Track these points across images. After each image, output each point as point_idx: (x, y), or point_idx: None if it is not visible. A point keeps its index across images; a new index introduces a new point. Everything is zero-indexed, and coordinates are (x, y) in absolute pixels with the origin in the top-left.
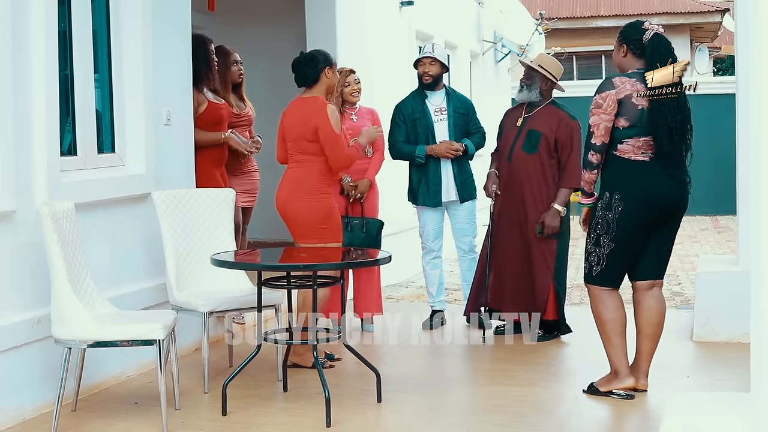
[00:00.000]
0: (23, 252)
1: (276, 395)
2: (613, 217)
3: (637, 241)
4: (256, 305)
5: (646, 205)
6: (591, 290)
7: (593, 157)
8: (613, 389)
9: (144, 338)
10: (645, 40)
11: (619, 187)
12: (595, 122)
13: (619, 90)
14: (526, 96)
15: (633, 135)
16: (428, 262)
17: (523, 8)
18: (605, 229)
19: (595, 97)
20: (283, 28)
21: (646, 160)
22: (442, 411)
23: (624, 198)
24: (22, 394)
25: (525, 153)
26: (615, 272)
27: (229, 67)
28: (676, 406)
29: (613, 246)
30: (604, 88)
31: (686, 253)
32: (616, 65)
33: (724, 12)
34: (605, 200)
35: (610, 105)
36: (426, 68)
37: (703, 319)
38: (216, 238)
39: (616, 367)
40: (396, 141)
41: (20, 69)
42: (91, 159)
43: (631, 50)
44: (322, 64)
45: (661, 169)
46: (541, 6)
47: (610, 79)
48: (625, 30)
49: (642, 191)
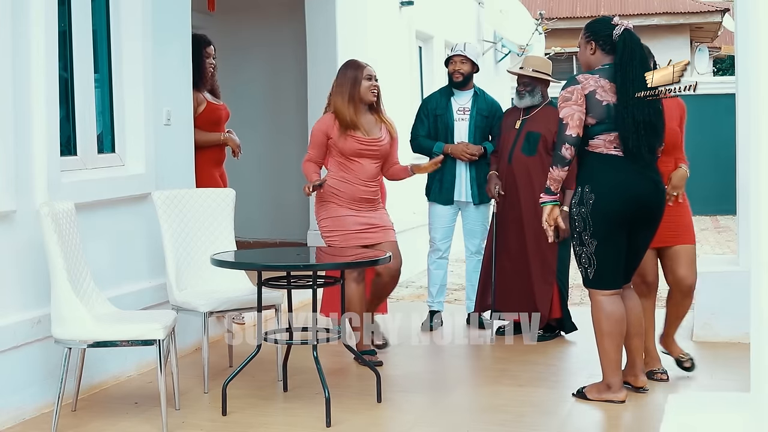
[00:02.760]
0: (23, 252)
1: (276, 395)
2: (586, 212)
3: (619, 234)
4: (256, 305)
5: (617, 195)
6: (592, 296)
7: (567, 151)
8: (605, 399)
9: (144, 338)
10: (615, 36)
11: (588, 180)
12: (567, 114)
13: (584, 85)
14: (529, 102)
15: (603, 131)
16: (433, 261)
17: (523, 8)
18: (583, 226)
19: (561, 92)
20: (283, 28)
21: (618, 154)
22: (442, 411)
23: (594, 190)
24: (22, 394)
25: (524, 155)
26: (609, 270)
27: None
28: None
29: (595, 242)
30: (569, 84)
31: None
32: (582, 63)
33: (724, 12)
34: (577, 195)
35: (579, 97)
36: (457, 66)
37: (703, 319)
38: (216, 238)
39: (609, 381)
40: (418, 135)
41: (20, 69)
42: (91, 159)
43: (600, 46)
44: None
45: (632, 165)
46: (541, 6)
47: (574, 77)
48: (592, 26)
49: (612, 181)
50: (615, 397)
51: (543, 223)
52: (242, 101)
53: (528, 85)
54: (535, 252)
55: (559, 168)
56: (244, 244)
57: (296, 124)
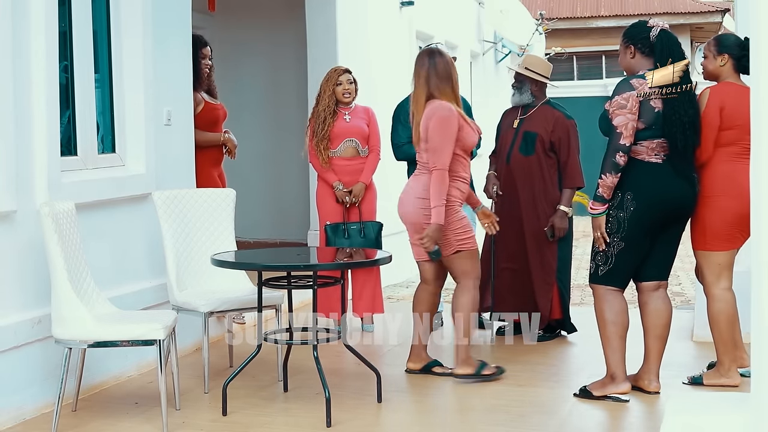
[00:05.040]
0: (23, 252)
1: (276, 395)
2: (624, 216)
3: (646, 241)
4: (257, 305)
5: (659, 206)
6: (596, 290)
7: (621, 159)
8: (609, 393)
9: (144, 338)
10: (653, 38)
11: (631, 187)
12: (621, 122)
13: (639, 91)
14: (518, 99)
15: (648, 137)
16: None
17: (523, 8)
18: (615, 228)
19: (616, 98)
20: (283, 28)
21: (659, 162)
22: (442, 411)
23: (636, 198)
24: (23, 394)
25: (522, 155)
26: (623, 272)
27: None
28: (676, 406)
29: (622, 246)
30: (623, 89)
31: (686, 253)
32: (623, 68)
33: (724, 12)
34: (616, 199)
35: (634, 105)
36: None
37: (703, 319)
38: (216, 238)
39: (613, 371)
40: (401, 142)
41: (20, 69)
42: (91, 159)
43: (639, 50)
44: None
45: (672, 170)
46: (541, 6)
47: (627, 81)
48: (629, 31)
49: (655, 192)
50: (618, 389)
51: (596, 235)
52: (242, 101)
53: (518, 81)
54: (534, 252)
55: (612, 175)
56: (245, 244)
57: (296, 124)
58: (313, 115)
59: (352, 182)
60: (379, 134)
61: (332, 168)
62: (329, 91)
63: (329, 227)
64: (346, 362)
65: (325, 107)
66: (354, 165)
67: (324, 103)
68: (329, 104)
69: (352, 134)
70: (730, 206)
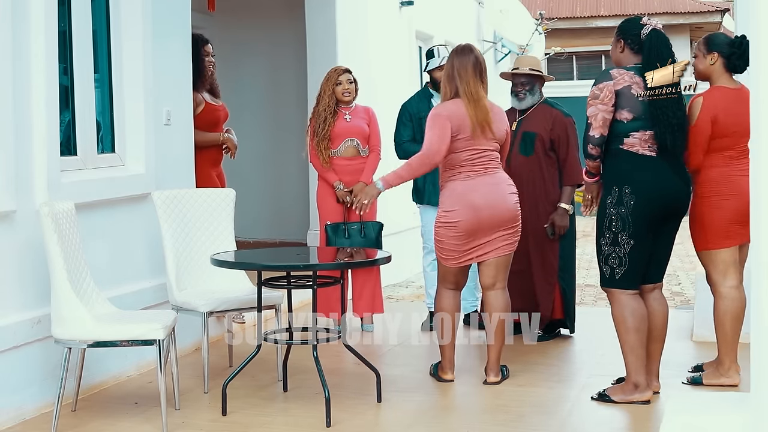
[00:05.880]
0: (23, 252)
1: (276, 395)
2: (626, 212)
3: (650, 237)
4: (256, 305)
5: (658, 201)
6: (615, 295)
7: (593, 150)
8: (633, 401)
9: (144, 338)
10: (643, 36)
11: (629, 181)
12: (592, 113)
13: (617, 81)
14: (530, 102)
15: (639, 128)
16: (429, 263)
17: (523, 8)
18: (621, 226)
19: (592, 89)
20: (283, 28)
21: (653, 155)
22: (442, 411)
23: (635, 191)
24: (22, 394)
25: (522, 156)
26: (637, 271)
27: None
28: (676, 406)
29: (632, 243)
30: (601, 79)
31: (686, 253)
32: (613, 61)
33: (724, 12)
34: (614, 195)
35: (608, 96)
36: (436, 74)
37: (703, 319)
38: (216, 238)
39: (635, 380)
40: (402, 140)
41: (20, 69)
42: (91, 159)
43: (629, 45)
44: None
45: (667, 165)
46: (541, 6)
47: (608, 71)
48: (623, 25)
49: (654, 186)
50: (642, 397)
51: (584, 195)
52: (242, 101)
53: (527, 84)
54: (536, 252)
55: (592, 160)
56: (244, 244)
57: (296, 124)
58: (313, 114)
59: (352, 182)
60: (379, 134)
61: (333, 168)
62: (329, 90)
63: (330, 227)
64: (345, 362)
65: (325, 107)
66: (354, 165)
67: (324, 103)
68: (330, 104)
69: (353, 134)
70: (728, 203)
